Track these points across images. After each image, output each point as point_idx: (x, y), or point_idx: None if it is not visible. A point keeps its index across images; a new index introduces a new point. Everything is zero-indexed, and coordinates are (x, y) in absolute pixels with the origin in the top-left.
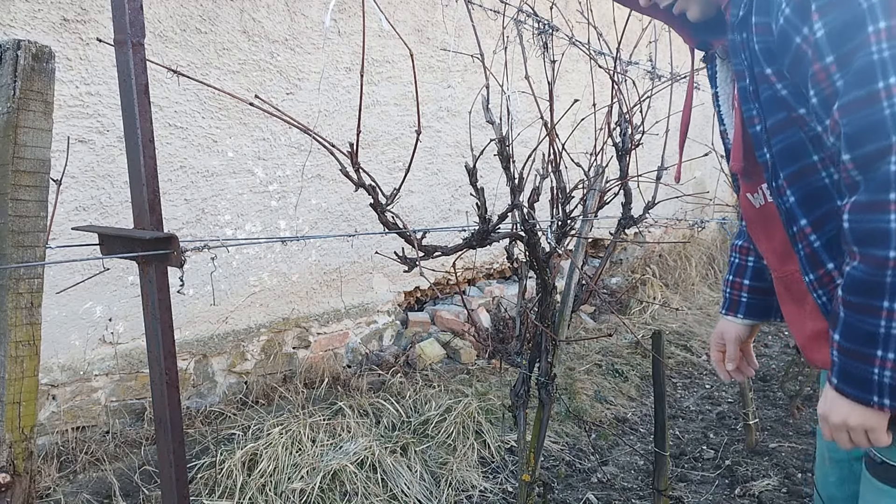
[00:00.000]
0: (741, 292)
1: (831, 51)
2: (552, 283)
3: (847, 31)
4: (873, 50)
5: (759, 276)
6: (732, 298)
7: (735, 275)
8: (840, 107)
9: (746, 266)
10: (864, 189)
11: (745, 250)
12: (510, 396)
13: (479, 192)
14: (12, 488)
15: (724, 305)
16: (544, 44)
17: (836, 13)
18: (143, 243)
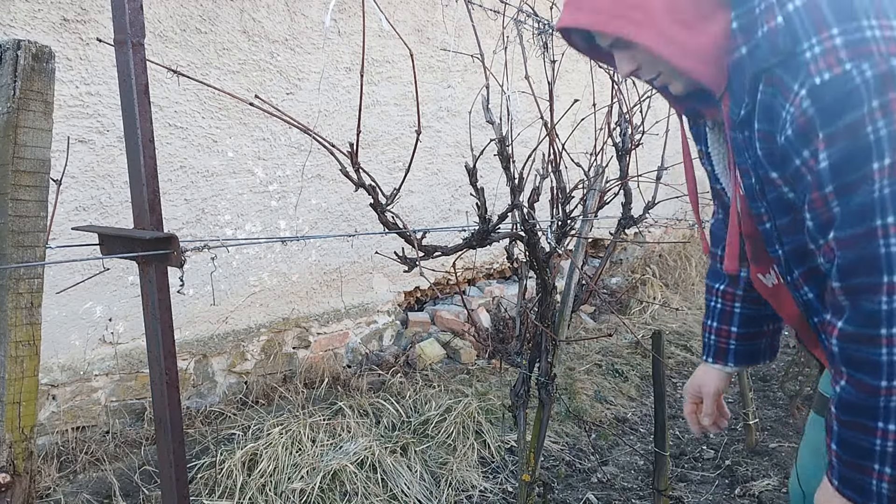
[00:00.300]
0: (729, 340)
1: (832, 181)
2: (552, 283)
3: (851, 162)
4: (875, 188)
5: (748, 323)
6: (720, 347)
7: (720, 322)
8: (836, 238)
9: (733, 313)
10: (851, 318)
11: (729, 296)
12: (510, 396)
13: (479, 192)
14: (12, 488)
15: (709, 353)
16: (544, 44)
17: (843, 144)
18: (143, 243)
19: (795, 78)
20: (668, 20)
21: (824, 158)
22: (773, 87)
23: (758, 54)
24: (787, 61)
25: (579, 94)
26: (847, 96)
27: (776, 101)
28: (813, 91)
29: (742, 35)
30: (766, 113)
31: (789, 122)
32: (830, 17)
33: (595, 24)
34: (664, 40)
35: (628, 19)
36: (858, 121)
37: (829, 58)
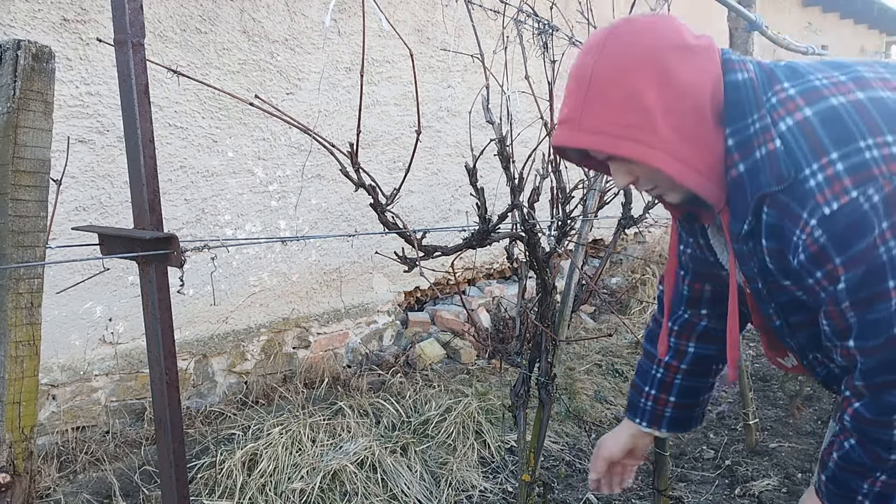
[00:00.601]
0: (665, 408)
1: (848, 298)
2: (552, 283)
3: (866, 282)
4: (892, 303)
5: (686, 394)
6: (655, 413)
7: (659, 391)
8: (858, 347)
9: (673, 384)
10: (870, 405)
11: (673, 369)
12: (510, 396)
13: (479, 192)
14: (12, 488)
15: (644, 418)
16: (544, 44)
17: (858, 268)
18: (143, 243)
19: (803, 206)
20: (675, 139)
21: (841, 282)
22: (779, 210)
23: (759, 177)
24: (791, 188)
25: None
26: (857, 223)
27: (784, 224)
28: (823, 221)
29: (738, 152)
30: (773, 233)
31: (801, 248)
32: (827, 141)
33: (599, 146)
34: (671, 159)
35: (635, 140)
36: (871, 245)
37: (835, 186)
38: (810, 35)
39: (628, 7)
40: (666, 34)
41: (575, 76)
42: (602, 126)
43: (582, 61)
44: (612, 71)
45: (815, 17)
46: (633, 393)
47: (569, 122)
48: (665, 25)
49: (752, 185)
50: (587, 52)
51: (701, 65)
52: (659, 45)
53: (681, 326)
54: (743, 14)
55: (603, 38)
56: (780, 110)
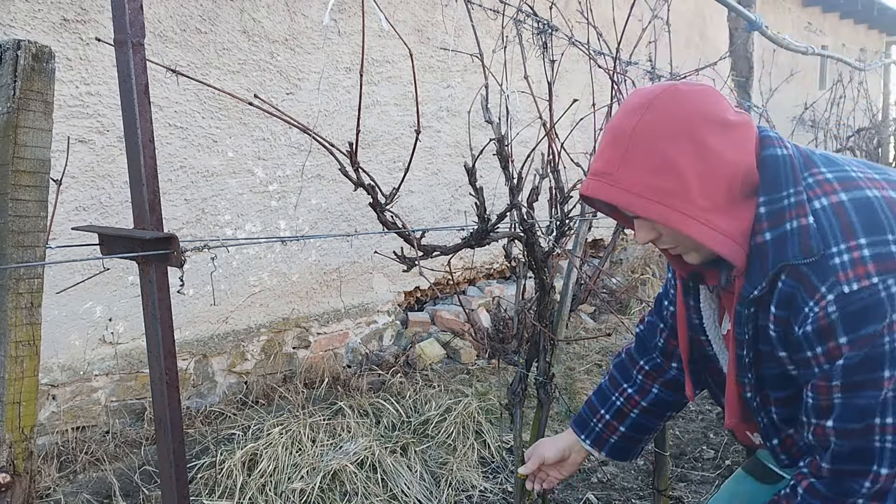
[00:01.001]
0: (612, 434)
1: (841, 377)
2: (550, 283)
3: (864, 366)
4: (881, 393)
5: (637, 429)
6: (602, 437)
7: (613, 417)
8: (836, 428)
9: (628, 416)
10: (829, 485)
11: (633, 402)
12: (507, 395)
13: (479, 191)
14: (12, 488)
15: (589, 436)
16: (544, 43)
17: (861, 350)
18: (143, 243)
19: (823, 281)
20: (705, 206)
21: (840, 360)
22: (797, 281)
23: (785, 248)
24: (815, 263)
25: (578, 94)
26: (871, 308)
27: (799, 293)
28: (840, 298)
29: (768, 221)
30: (785, 302)
31: (811, 319)
32: (858, 226)
33: (632, 206)
34: (699, 225)
35: (667, 206)
36: (878, 332)
37: (859, 269)
38: (810, 35)
39: (628, 7)
40: (708, 107)
41: (613, 132)
42: (637, 187)
43: (623, 120)
44: (652, 136)
45: (815, 17)
46: (587, 410)
47: (603, 175)
48: (708, 98)
49: (777, 253)
50: (630, 112)
51: (738, 139)
52: (700, 117)
53: (651, 368)
54: (743, 14)
55: (647, 102)
56: (817, 190)
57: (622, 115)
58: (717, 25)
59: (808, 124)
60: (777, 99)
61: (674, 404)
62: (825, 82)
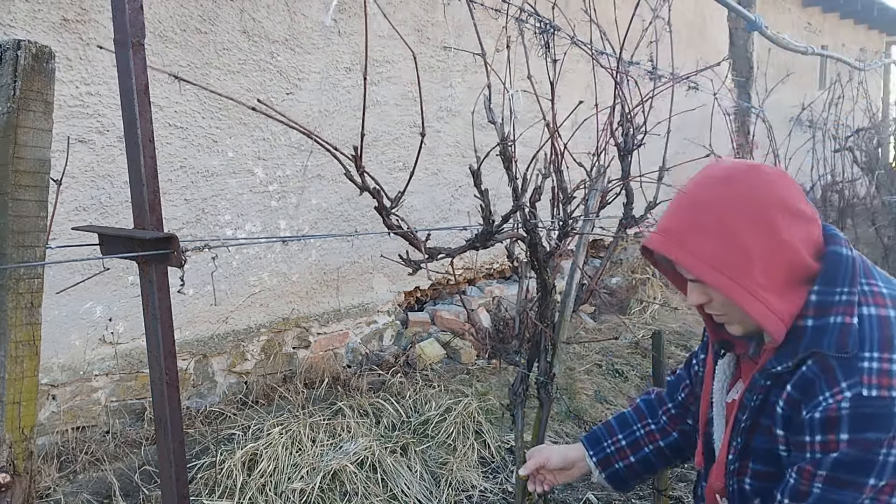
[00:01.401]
0: (621, 460)
1: (830, 470)
2: (552, 283)
3: (853, 467)
4: (860, 498)
5: (645, 465)
6: (609, 459)
7: (628, 445)
8: None
9: (643, 449)
10: None
11: (653, 437)
12: (509, 395)
13: (484, 193)
14: (12, 488)
15: (598, 455)
16: (546, 43)
17: (857, 451)
18: (143, 243)
19: (846, 377)
20: (764, 284)
21: (832, 454)
22: (822, 370)
23: (822, 338)
24: (845, 359)
25: (581, 94)
26: (881, 417)
27: (818, 382)
28: (855, 399)
29: (815, 309)
30: (803, 385)
31: (822, 408)
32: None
33: (696, 270)
34: (757, 303)
35: (730, 277)
36: (879, 441)
37: (883, 379)
38: (810, 35)
39: (629, 7)
40: (784, 193)
41: (689, 200)
42: (703, 254)
43: (700, 191)
44: (727, 211)
45: (815, 17)
46: (604, 431)
47: (671, 234)
48: (785, 185)
49: (813, 339)
50: (709, 185)
51: (804, 229)
52: (774, 202)
53: (676, 413)
54: (743, 14)
55: (727, 178)
56: (870, 299)
57: (700, 186)
58: (717, 25)
59: (805, 124)
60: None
61: (684, 454)
62: (824, 82)
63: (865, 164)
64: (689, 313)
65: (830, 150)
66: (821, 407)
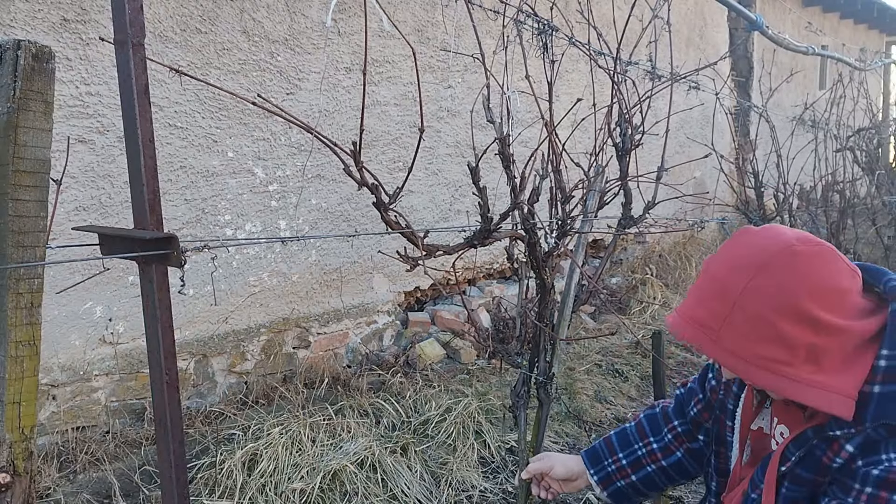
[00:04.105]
0: (622, 479)
1: None
2: (551, 283)
3: None
4: None
5: (647, 484)
6: (610, 477)
7: (629, 463)
8: None
9: (644, 468)
10: None
11: (653, 456)
12: (510, 397)
13: (482, 191)
14: (12, 488)
15: (598, 473)
16: (544, 44)
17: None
18: (143, 243)
19: None
20: (813, 370)
21: None
22: (889, 434)
23: (890, 406)
24: None
25: (579, 94)
26: None
27: (883, 444)
28: None
29: (883, 375)
30: (866, 444)
31: (883, 468)
32: None
33: (736, 370)
34: (808, 388)
35: (775, 374)
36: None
37: None
38: (810, 35)
39: (628, 7)
40: (822, 276)
41: (721, 287)
42: (743, 352)
43: (731, 275)
44: (763, 305)
45: (815, 17)
46: (604, 447)
47: (705, 328)
48: (823, 263)
49: (880, 409)
50: (740, 268)
51: (852, 304)
52: (814, 289)
53: (683, 431)
54: (743, 14)
55: (760, 265)
56: None
57: (731, 269)
58: (717, 25)
59: (808, 124)
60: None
61: (689, 474)
62: (825, 82)
63: (866, 164)
64: None
65: (832, 150)
66: (882, 466)
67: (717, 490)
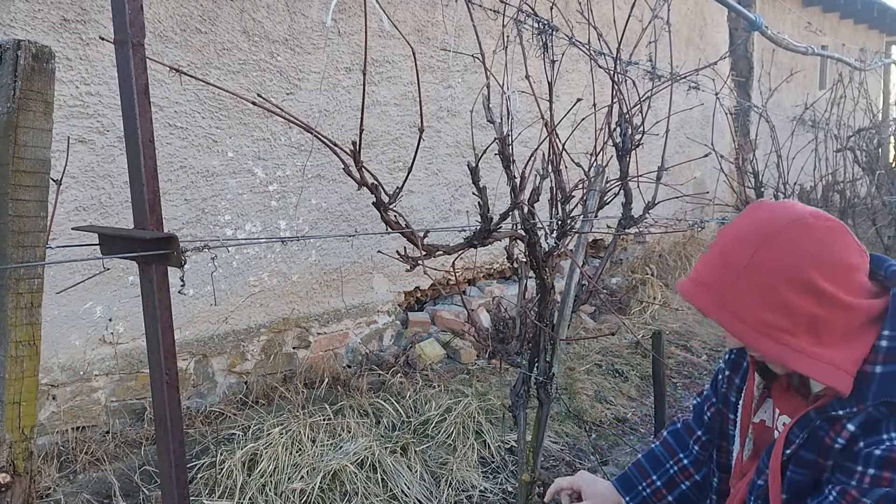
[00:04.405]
0: (659, 501)
1: (874, 502)
2: (551, 283)
3: None
4: None
5: (683, 500)
6: (647, 501)
7: (664, 484)
8: None
9: (679, 486)
10: None
11: (686, 473)
12: (510, 397)
13: (482, 191)
14: (12, 488)
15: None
16: (544, 44)
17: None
18: (143, 243)
19: None
20: (814, 342)
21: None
22: (891, 412)
23: (892, 385)
24: None
25: (579, 94)
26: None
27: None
28: None
29: (885, 355)
30: (867, 423)
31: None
32: None
33: (739, 335)
34: (809, 360)
35: (777, 342)
36: None
37: None
38: (810, 35)
39: (628, 7)
40: (831, 250)
41: (729, 255)
42: (747, 318)
43: (741, 249)
44: (769, 275)
45: (815, 17)
46: (636, 472)
47: (710, 289)
48: (833, 239)
49: (882, 388)
50: (751, 236)
51: (859, 283)
52: (822, 262)
53: (707, 440)
54: (743, 14)
55: (769, 237)
56: None
57: (742, 243)
58: (717, 25)
59: (808, 124)
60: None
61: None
62: (825, 82)
63: (866, 164)
64: (690, 313)
65: (832, 150)
66: (884, 446)
67: (719, 486)
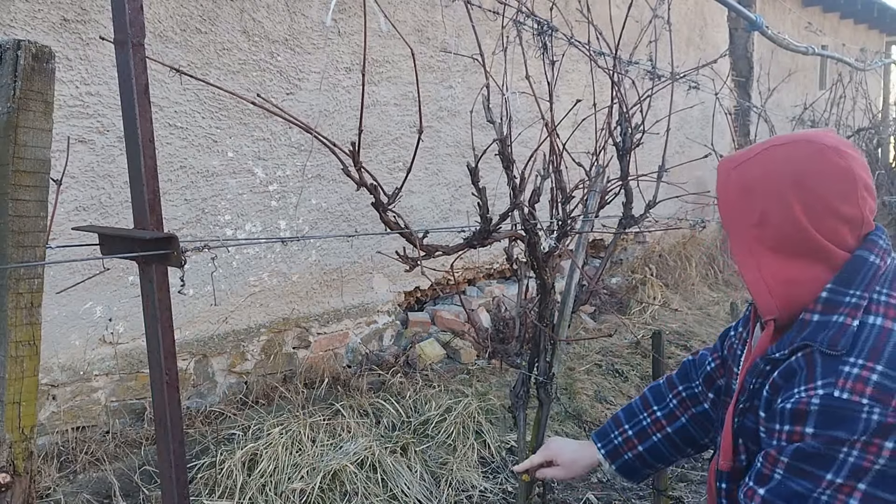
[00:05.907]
0: (629, 451)
1: (791, 458)
2: (551, 283)
3: (814, 460)
4: (816, 491)
5: (654, 454)
6: (617, 449)
7: (635, 434)
8: (764, 499)
9: (650, 438)
10: None
11: (658, 425)
12: (510, 397)
13: (482, 191)
14: (12, 488)
15: (606, 447)
16: (544, 44)
17: (819, 445)
18: (143, 243)
19: (824, 376)
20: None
21: (797, 444)
22: (806, 364)
23: (819, 332)
24: (831, 357)
25: (579, 94)
26: (847, 420)
27: (798, 375)
28: (826, 398)
29: (823, 306)
30: (787, 374)
31: (794, 400)
32: (887, 356)
33: (720, 207)
34: (748, 265)
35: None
36: (842, 440)
37: (858, 385)
38: (810, 35)
39: (626, 7)
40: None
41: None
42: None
43: (767, 147)
44: (760, 174)
45: (815, 17)
46: (611, 423)
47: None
48: (833, 177)
49: (810, 333)
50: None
51: (834, 230)
52: (801, 187)
53: (688, 395)
54: (743, 14)
55: (787, 146)
56: (881, 308)
57: (772, 144)
58: (717, 25)
59: (807, 124)
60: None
61: (696, 442)
62: (825, 82)
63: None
64: (689, 313)
65: None
66: (793, 399)
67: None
